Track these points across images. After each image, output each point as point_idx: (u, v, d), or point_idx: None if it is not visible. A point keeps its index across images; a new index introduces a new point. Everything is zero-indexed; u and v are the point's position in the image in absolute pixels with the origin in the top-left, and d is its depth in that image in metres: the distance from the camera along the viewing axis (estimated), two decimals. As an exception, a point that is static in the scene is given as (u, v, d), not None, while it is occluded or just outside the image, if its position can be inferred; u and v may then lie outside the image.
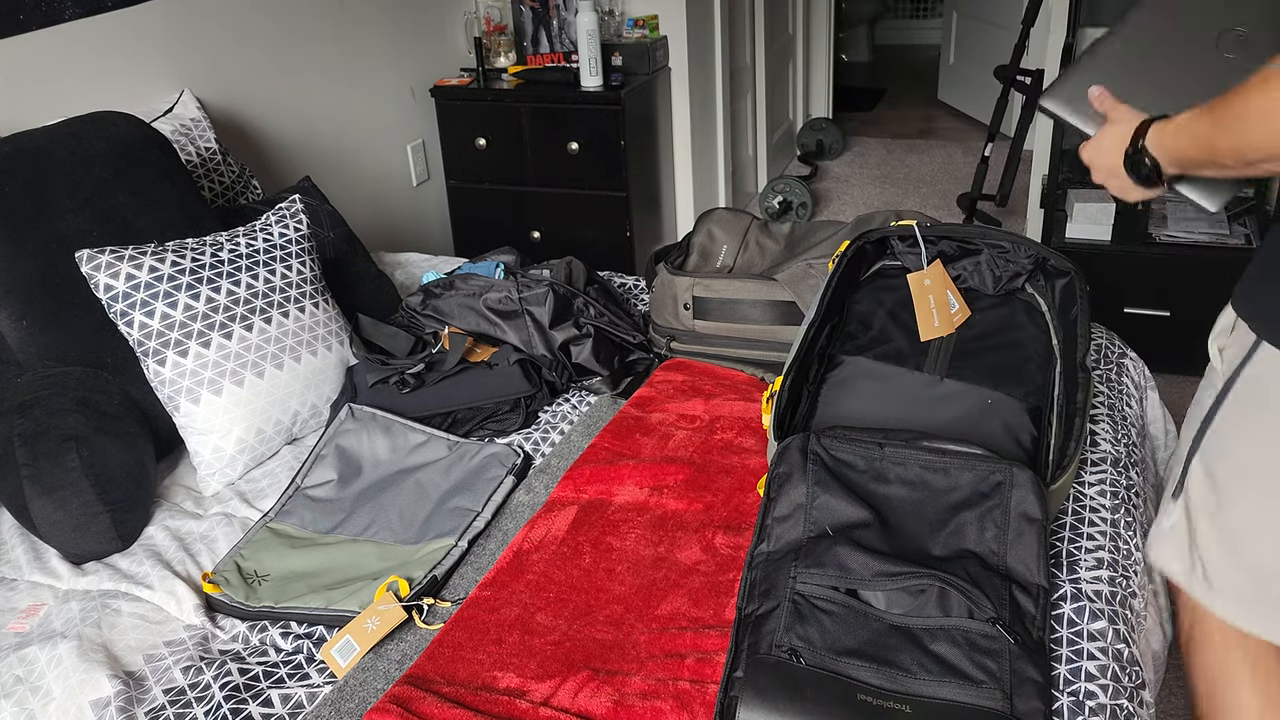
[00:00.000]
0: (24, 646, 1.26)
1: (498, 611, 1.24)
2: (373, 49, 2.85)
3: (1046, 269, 1.48)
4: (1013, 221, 3.89)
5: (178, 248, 1.58)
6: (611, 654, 1.17)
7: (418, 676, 1.15)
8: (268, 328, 1.60)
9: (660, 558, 1.32)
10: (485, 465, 1.54)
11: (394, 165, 3.04)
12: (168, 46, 2.17)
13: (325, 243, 1.97)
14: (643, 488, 1.45)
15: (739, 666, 1.05)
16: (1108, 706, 1.05)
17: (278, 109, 2.51)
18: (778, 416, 1.31)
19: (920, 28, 6.97)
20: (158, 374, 1.53)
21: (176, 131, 2.05)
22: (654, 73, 3.15)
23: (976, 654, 1.02)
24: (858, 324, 1.49)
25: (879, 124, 5.29)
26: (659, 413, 1.64)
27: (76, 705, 1.16)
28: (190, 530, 1.48)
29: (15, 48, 1.85)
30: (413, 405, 1.65)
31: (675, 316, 1.84)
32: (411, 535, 1.44)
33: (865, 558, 1.09)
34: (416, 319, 1.88)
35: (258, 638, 1.28)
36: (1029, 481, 1.13)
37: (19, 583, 1.41)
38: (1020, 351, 1.42)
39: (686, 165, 3.44)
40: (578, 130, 3.00)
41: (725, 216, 2.00)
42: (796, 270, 1.75)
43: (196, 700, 1.16)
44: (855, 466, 1.20)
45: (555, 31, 3.22)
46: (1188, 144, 1.03)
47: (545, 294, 1.81)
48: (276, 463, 1.64)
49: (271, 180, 2.49)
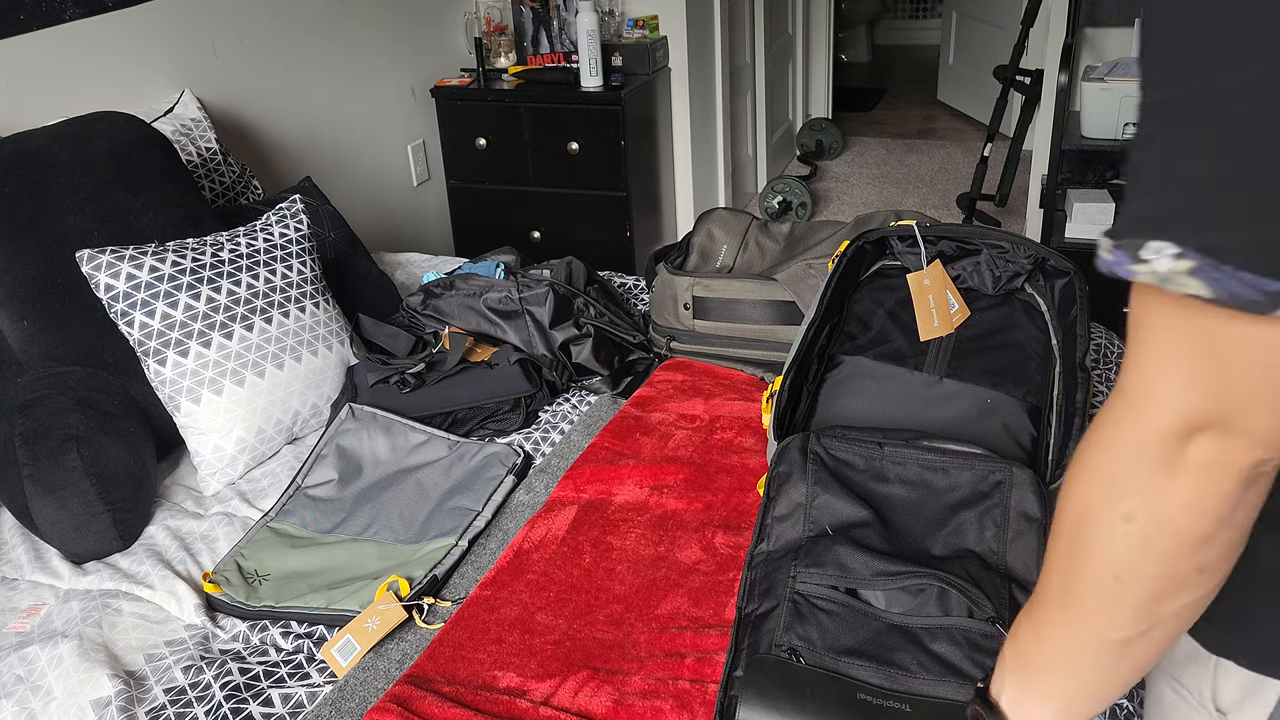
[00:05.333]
0: (25, 646, 1.26)
1: (498, 611, 1.25)
2: (373, 49, 2.85)
3: (1046, 269, 1.48)
4: (1012, 221, 3.89)
5: (178, 248, 1.59)
6: (611, 653, 1.17)
7: (418, 676, 1.15)
8: (268, 328, 1.60)
9: (660, 557, 1.32)
10: (485, 465, 1.55)
11: (394, 165, 3.04)
12: (168, 46, 2.17)
13: (326, 243, 1.97)
14: (643, 487, 1.45)
15: (739, 666, 1.05)
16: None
17: (278, 109, 2.51)
18: (777, 416, 1.31)
19: (920, 28, 6.97)
20: (158, 374, 1.54)
21: (177, 131, 2.05)
22: (654, 73, 3.15)
23: (976, 653, 1.02)
24: (857, 324, 1.49)
25: (879, 124, 5.29)
26: (659, 412, 1.64)
27: (77, 705, 1.16)
28: (191, 530, 1.49)
29: (16, 48, 1.86)
30: (413, 405, 1.65)
31: (675, 316, 1.84)
32: (412, 535, 1.44)
33: (865, 557, 1.09)
34: (417, 319, 1.88)
35: (258, 637, 1.28)
36: (1029, 481, 1.14)
37: (20, 582, 1.41)
38: (1020, 351, 1.42)
39: (686, 165, 3.45)
40: (578, 130, 3.00)
41: (725, 216, 2.00)
42: (796, 270, 1.75)
43: (197, 700, 1.16)
44: (855, 466, 1.21)
45: (555, 32, 3.22)
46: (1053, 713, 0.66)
47: (545, 294, 1.81)
48: (277, 462, 1.64)
49: (272, 180, 2.49)
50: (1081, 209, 2.81)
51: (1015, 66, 3.55)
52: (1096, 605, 0.59)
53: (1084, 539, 0.58)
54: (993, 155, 3.85)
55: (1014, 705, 0.69)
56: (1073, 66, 3.04)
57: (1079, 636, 0.61)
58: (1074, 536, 0.59)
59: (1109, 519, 0.56)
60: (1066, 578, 0.61)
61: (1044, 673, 0.66)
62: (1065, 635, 0.62)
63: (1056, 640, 0.63)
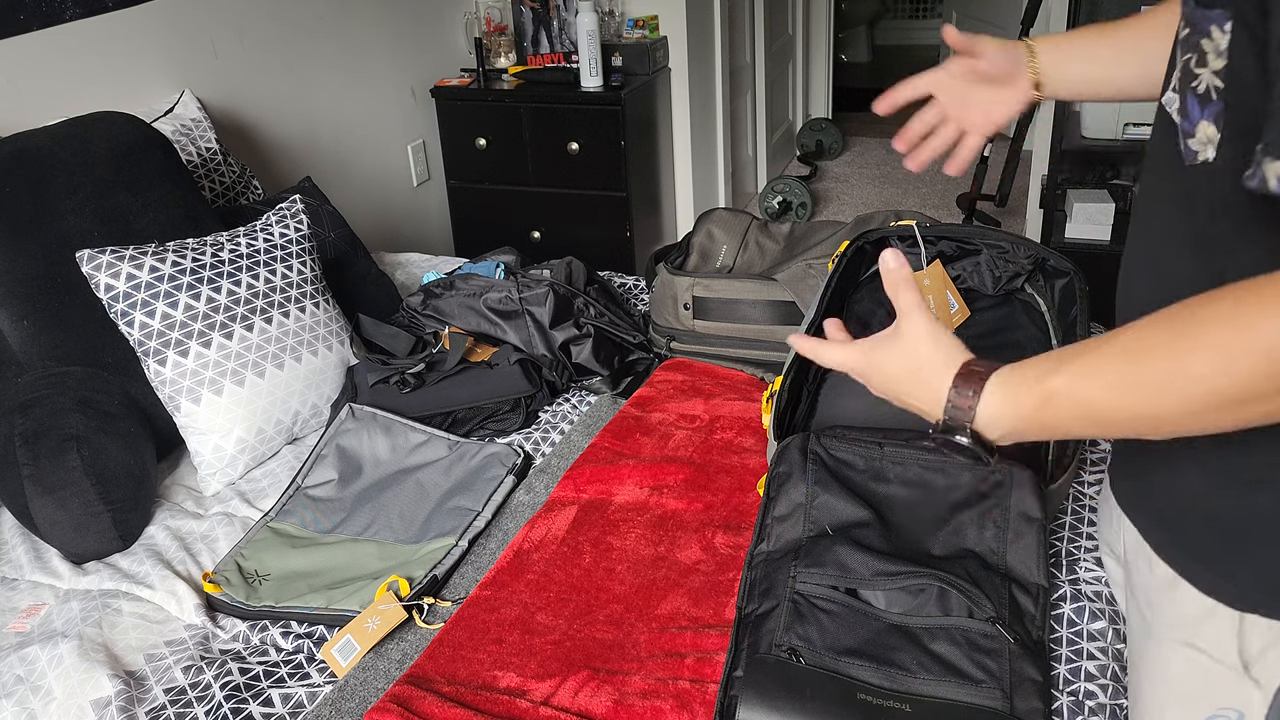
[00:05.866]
0: (25, 646, 1.26)
1: (498, 611, 1.25)
2: (373, 49, 2.86)
3: (1046, 269, 1.48)
4: (1012, 221, 3.89)
5: (178, 248, 1.59)
6: (611, 653, 1.17)
7: (418, 676, 1.15)
8: (268, 328, 1.60)
9: (660, 557, 1.32)
10: (485, 465, 1.55)
11: (395, 165, 3.05)
12: (168, 46, 2.17)
13: (326, 243, 1.97)
14: (643, 487, 1.45)
15: (739, 666, 1.05)
16: (1107, 706, 1.05)
17: (279, 109, 2.51)
18: (777, 416, 1.31)
19: (920, 28, 6.97)
20: (158, 374, 1.54)
21: (177, 131, 2.05)
22: (654, 73, 3.15)
23: (976, 653, 1.02)
24: (857, 324, 1.49)
25: (879, 124, 5.28)
26: (659, 412, 1.64)
27: (77, 705, 1.16)
28: (191, 530, 1.49)
29: (16, 48, 1.86)
30: (413, 405, 1.65)
31: (675, 316, 1.84)
32: (412, 535, 1.44)
33: (865, 557, 1.09)
34: (417, 319, 1.88)
35: (258, 637, 1.28)
36: (1029, 481, 1.14)
37: (20, 582, 1.41)
38: (1020, 351, 1.42)
39: (686, 165, 3.45)
40: (578, 130, 3.00)
41: (725, 216, 2.00)
42: (796, 270, 1.75)
43: (197, 700, 1.16)
44: (855, 466, 1.21)
45: (555, 32, 3.22)
46: (1070, 416, 0.72)
47: (545, 294, 1.81)
48: (277, 462, 1.64)
49: (272, 180, 2.49)
50: (1081, 209, 2.81)
51: (1015, 66, 3.54)
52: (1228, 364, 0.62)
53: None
54: (993, 155, 3.85)
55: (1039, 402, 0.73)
56: (1073, 66, 3.03)
57: (1193, 372, 0.64)
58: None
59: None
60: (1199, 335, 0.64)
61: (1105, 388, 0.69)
62: (1174, 369, 0.65)
63: (1155, 368, 0.66)
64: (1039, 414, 0.73)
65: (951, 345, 0.80)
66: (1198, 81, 0.70)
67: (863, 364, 0.83)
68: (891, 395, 0.83)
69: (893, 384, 0.82)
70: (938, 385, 0.78)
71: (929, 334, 0.80)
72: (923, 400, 0.80)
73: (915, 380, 0.80)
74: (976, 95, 1.09)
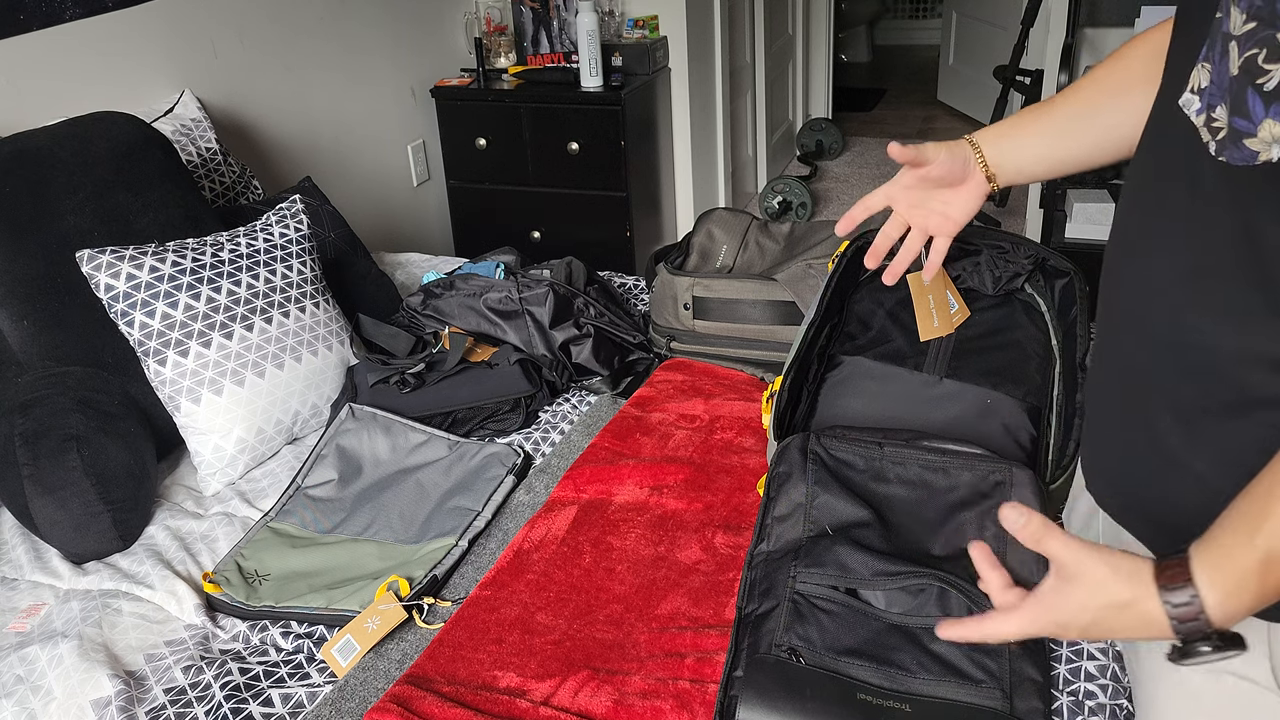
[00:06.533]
0: (25, 646, 1.26)
1: (498, 611, 1.25)
2: (373, 49, 2.85)
3: (1046, 269, 1.48)
4: (1012, 221, 3.89)
5: (178, 248, 1.59)
6: (611, 653, 1.17)
7: (418, 676, 1.15)
8: (268, 328, 1.60)
9: (660, 557, 1.32)
10: (485, 465, 1.55)
11: (394, 165, 3.05)
12: (168, 46, 2.17)
13: (326, 243, 1.97)
14: (643, 487, 1.45)
15: (739, 666, 1.05)
16: (1107, 706, 1.05)
17: (278, 109, 2.51)
18: (778, 416, 1.31)
19: (920, 28, 6.98)
20: (158, 374, 1.54)
21: (177, 131, 2.05)
22: (654, 73, 3.15)
23: (976, 653, 1.02)
24: (857, 324, 1.50)
25: (879, 124, 5.29)
26: (659, 412, 1.64)
27: (77, 705, 1.16)
28: (191, 530, 1.49)
29: (16, 48, 1.86)
30: (413, 405, 1.65)
31: (675, 316, 1.84)
32: (412, 535, 1.44)
33: (865, 557, 1.09)
34: (417, 319, 1.88)
35: (258, 637, 1.28)
36: (1029, 481, 1.14)
37: (20, 582, 1.41)
38: (1019, 351, 1.42)
39: (686, 165, 3.45)
40: (578, 130, 3.00)
41: (725, 216, 2.00)
42: (796, 270, 1.75)
43: (197, 700, 1.16)
44: (855, 466, 1.21)
45: (555, 32, 3.22)
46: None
47: (545, 294, 1.81)
48: (277, 462, 1.64)
49: (272, 180, 2.49)
50: (1081, 209, 2.81)
51: (1015, 67, 3.55)
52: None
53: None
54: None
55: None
56: (1073, 67, 3.04)
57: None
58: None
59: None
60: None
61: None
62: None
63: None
64: (1266, 578, 0.67)
65: (1122, 559, 0.71)
66: (1267, 78, 0.64)
67: (1052, 628, 0.76)
68: (1100, 637, 0.75)
69: (1096, 629, 0.73)
70: (1144, 608, 0.70)
71: (1097, 563, 0.72)
72: (1137, 630, 0.71)
73: (1118, 614, 0.71)
74: (933, 200, 1.08)
